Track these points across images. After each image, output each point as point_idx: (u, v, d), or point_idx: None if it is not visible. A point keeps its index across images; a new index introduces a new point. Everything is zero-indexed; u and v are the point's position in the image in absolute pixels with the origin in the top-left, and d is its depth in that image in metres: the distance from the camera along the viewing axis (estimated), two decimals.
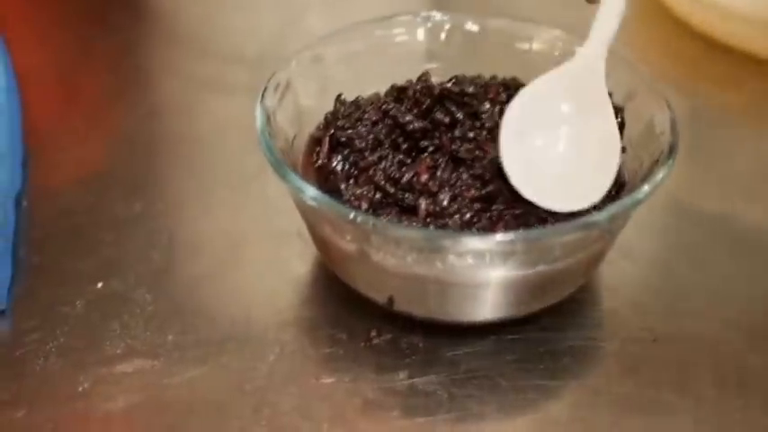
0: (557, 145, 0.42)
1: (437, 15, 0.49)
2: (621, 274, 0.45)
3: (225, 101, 0.58)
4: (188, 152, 0.54)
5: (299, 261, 0.46)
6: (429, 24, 0.49)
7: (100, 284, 0.44)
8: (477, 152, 0.41)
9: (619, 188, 0.42)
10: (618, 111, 0.44)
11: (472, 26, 0.50)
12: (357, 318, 0.42)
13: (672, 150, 0.40)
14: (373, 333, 0.42)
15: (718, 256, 0.47)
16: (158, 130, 0.56)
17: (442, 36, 0.49)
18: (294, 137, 0.44)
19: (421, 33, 0.49)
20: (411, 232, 0.38)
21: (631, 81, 0.45)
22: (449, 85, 0.43)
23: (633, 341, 0.42)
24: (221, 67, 0.62)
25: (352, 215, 0.37)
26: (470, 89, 0.43)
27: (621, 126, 0.44)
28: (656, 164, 0.40)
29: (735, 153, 0.55)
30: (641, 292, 0.45)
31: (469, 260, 0.38)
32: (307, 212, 0.41)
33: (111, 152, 0.54)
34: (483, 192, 0.40)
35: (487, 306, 0.41)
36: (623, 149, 0.42)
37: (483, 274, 0.39)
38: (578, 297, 0.43)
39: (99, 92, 0.60)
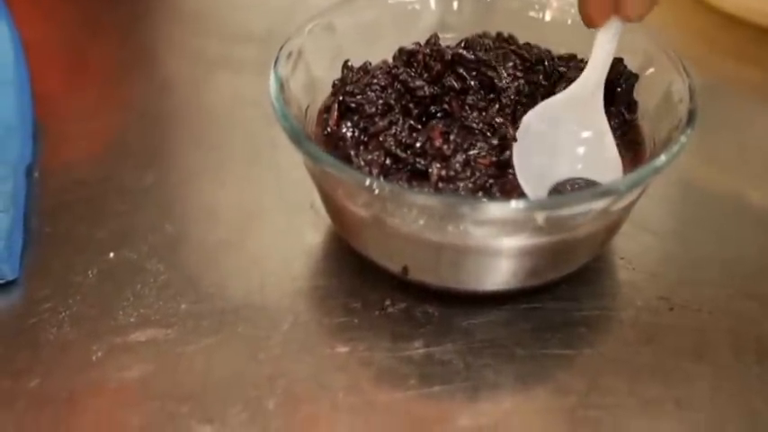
0: (560, 167, 0.42)
1: None
2: (637, 245, 0.45)
3: (234, 76, 0.57)
4: (200, 125, 0.54)
5: (312, 232, 0.45)
6: None
7: (112, 254, 0.44)
8: (489, 122, 0.41)
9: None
10: (631, 78, 0.43)
11: None
12: (371, 287, 0.42)
13: (691, 117, 0.40)
14: (387, 302, 0.41)
15: (733, 227, 0.47)
16: (169, 103, 0.56)
17: (455, 5, 0.49)
18: (307, 107, 0.44)
19: (433, 2, 0.49)
20: (428, 198, 0.37)
21: (647, 49, 0.44)
22: (461, 50, 0.43)
23: (649, 310, 0.42)
24: (230, 42, 0.61)
25: (367, 181, 0.37)
26: (483, 55, 0.43)
27: (634, 104, 0.43)
28: (674, 131, 0.40)
29: (751, 127, 0.54)
30: (657, 262, 0.44)
31: (485, 228, 0.37)
32: (320, 180, 0.41)
33: (123, 125, 0.53)
34: (497, 159, 0.40)
35: (502, 275, 0.40)
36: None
37: (498, 242, 0.38)
38: (594, 267, 0.43)
39: (108, 65, 0.59)
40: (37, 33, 0.60)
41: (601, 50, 0.41)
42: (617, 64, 0.43)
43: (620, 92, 0.43)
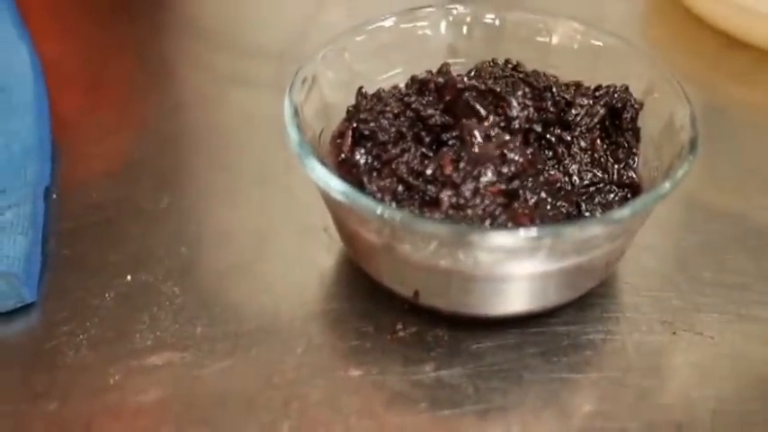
0: None
1: (459, 8, 0.50)
2: (640, 269, 0.46)
3: (249, 94, 0.58)
4: (214, 146, 0.55)
5: (325, 255, 0.46)
6: (451, 17, 0.50)
7: (129, 277, 0.45)
8: (499, 150, 0.41)
9: (635, 191, 0.43)
10: (636, 106, 0.44)
11: (493, 19, 0.50)
12: (383, 311, 0.43)
13: (693, 145, 0.41)
14: (399, 326, 0.42)
15: (735, 252, 0.47)
16: (184, 122, 0.57)
17: (464, 29, 0.50)
18: (321, 131, 0.45)
19: (443, 27, 0.50)
20: (439, 227, 0.38)
21: (651, 75, 0.45)
22: (472, 80, 0.44)
23: (653, 334, 0.42)
24: (245, 59, 0.62)
25: (379, 210, 0.38)
26: (492, 84, 0.44)
27: (638, 132, 0.44)
28: (677, 159, 0.41)
29: (753, 149, 0.55)
30: (660, 286, 0.45)
31: (494, 255, 0.38)
32: (334, 206, 0.42)
33: (138, 145, 0.54)
34: (506, 187, 0.41)
35: (511, 300, 0.41)
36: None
37: (507, 269, 0.39)
38: (599, 291, 0.44)
39: (124, 84, 0.60)
40: (53, 52, 0.60)
41: None
42: (623, 92, 0.44)
43: (626, 120, 0.44)
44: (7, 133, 0.51)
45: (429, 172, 0.41)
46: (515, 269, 0.39)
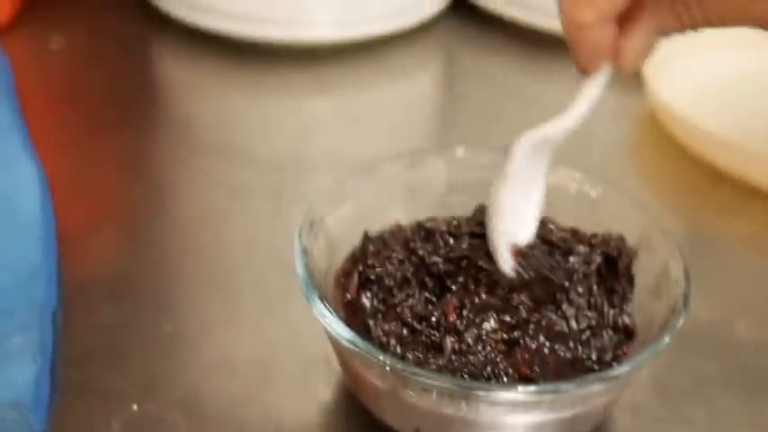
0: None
1: (459, 151, 0.52)
2: (631, 407, 0.47)
3: (250, 208, 0.61)
4: (215, 269, 0.56)
5: (325, 387, 0.48)
6: (450, 159, 0.52)
7: (135, 406, 0.46)
8: (501, 299, 0.43)
9: (629, 335, 0.45)
10: (631, 255, 0.46)
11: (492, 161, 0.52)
12: None
13: (686, 299, 0.43)
14: None
15: (723, 389, 0.49)
16: (186, 242, 0.59)
17: (463, 170, 0.52)
18: (327, 270, 0.46)
19: (442, 167, 0.52)
20: (443, 380, 0.40)
21: (645, 226, 0.47)
22: (475, 233, 0.46)
23: None
24: (245, 172, 0.65)
25: (386, 360, 0.39)
26: None
27: (632, 280, 0.46)
28: (672, 313, 0.43)
29: (740, 280, 0.57)
30: (652, 424, 0.47)
31: (496, 407, 0.40)
32: (339, 348, 0.43)
33: (141, 265, 0.56)
34: (508, 336, 0.42)
35: None
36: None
37: (508, 419, 0.41)
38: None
39: (126, 199, 0.62)
40: (57, 166, 0.62)
41: (586, 98, 0.41)
42: (619, 241, 0.46)
43: (621, 268, 0.46)
44: (14, 254, 0.52)
45: (434, 318, 0.43)
46: (517, 419, 0.41)
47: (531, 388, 0.39)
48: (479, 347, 0.42)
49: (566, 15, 0.38)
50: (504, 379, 0.41)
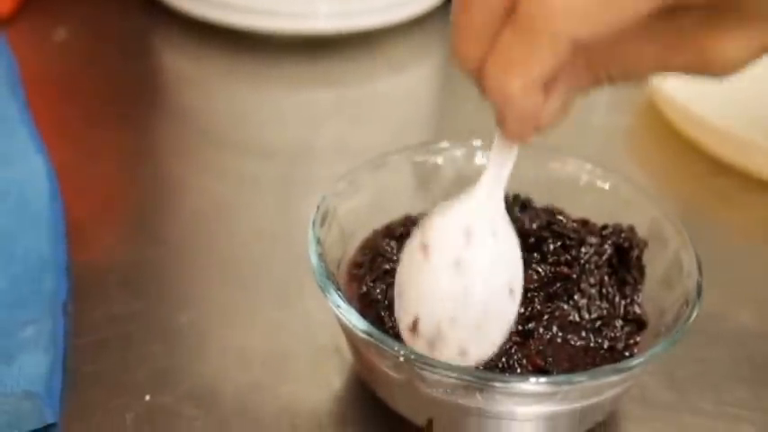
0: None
1: (474, 142, 0.52)
2: (641, 398, 0.48)
3: (258, 199, 0.61)
4: (229, 260, 0.56)
5: (337, 377, 0.48)
6: (464, 150, 0.52)
7: (148, 397, 0.46)
8: None
9: (640, 325, 0.45)
10: (642, 245, 0.47)
11: None
12: None
13: (699, 291, 0.43)
14: None
15: (730, 378, 0.49)
16: (199, 235, 0.59)
17: (473, 160, 0.52)
18: (339, 260, 0.46)
19: (453, 158, 0.52)
20: (457, 371, 0.40)
21: (656, 216, 0.48)
22: None
23: None
24: (254, 163, 0.65)
25: (401, 352, 0.39)
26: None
27: (643, 270, 0.47)
28: (684, 305, 0.43)
29: (740, 268, 0.58)
30: (661, 415, 0.47)
31: (511, 397, 0.40)
32: (353, 338, 0.43)
33: (154, 256, 0.56)
34: (522, 327, 0.43)
35: None
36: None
37: (523, 409, 0.41)
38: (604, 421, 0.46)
39: (137, 193, 0.62)
40: (65, 161, 0.62)
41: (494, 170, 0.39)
42: (629, 232, 0.47)
43: (632, 258, 0.46)
44: (24, 246, 0.52)
45: None
46: (530, 409, 0.41)
47: (547, 379, 0.39)
48: None
49: (492, 84, 0.33)
50: (518, 370, 0.42)
